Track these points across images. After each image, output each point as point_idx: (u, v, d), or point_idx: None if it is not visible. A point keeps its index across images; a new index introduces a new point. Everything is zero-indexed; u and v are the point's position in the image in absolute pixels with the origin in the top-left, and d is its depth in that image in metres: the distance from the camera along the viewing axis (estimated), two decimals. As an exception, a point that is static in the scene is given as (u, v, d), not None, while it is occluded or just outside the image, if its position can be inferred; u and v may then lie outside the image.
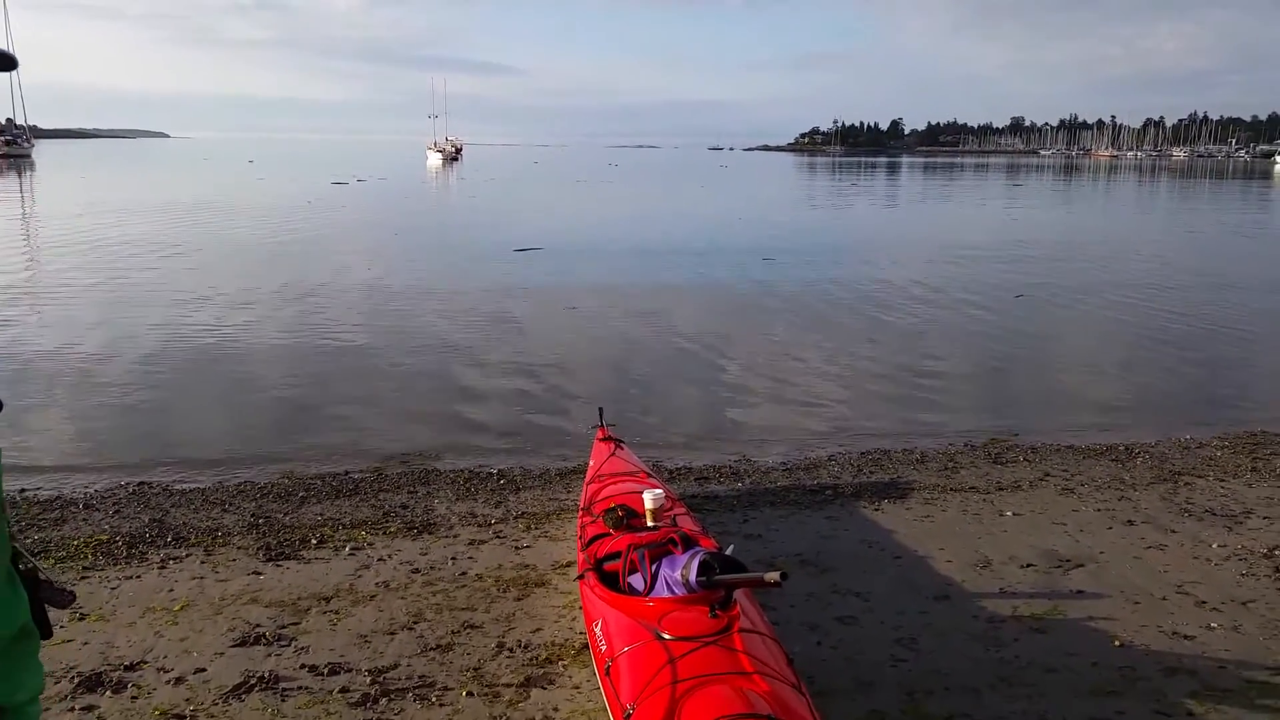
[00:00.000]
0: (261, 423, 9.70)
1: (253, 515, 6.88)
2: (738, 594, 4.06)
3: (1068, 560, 5.93)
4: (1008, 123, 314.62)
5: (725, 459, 8.49)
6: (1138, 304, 17.37)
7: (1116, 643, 4.86)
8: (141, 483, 7.80)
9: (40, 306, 15.59)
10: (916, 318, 15.82)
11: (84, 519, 6.80)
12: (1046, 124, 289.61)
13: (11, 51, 1.66)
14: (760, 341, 13.81)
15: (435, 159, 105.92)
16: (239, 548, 6.19)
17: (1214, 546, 6.18)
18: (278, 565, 5.87)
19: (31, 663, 1.68)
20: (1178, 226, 38.35)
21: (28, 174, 65.18)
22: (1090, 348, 14.05)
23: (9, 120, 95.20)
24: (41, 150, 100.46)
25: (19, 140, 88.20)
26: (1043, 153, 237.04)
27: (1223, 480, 7.68)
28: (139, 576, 5.68)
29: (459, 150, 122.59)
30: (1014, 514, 6.82)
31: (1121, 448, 8.68)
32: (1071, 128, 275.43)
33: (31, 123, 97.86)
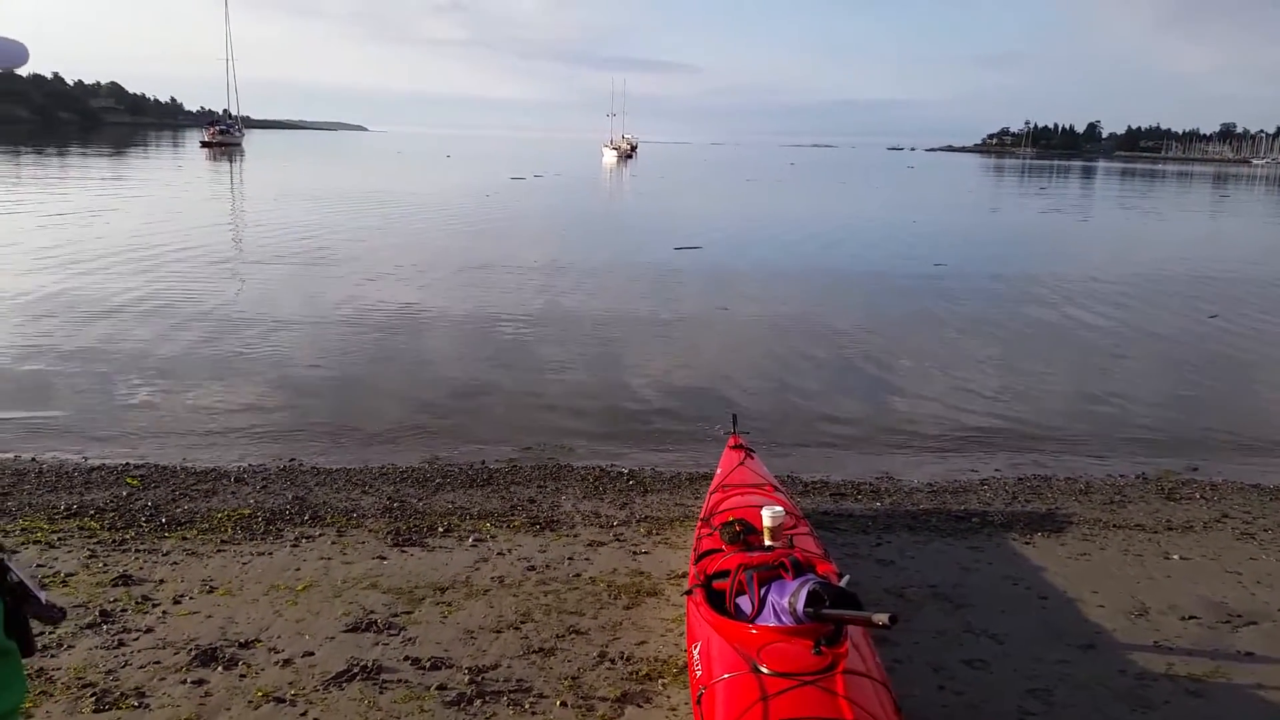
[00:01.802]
0: (416, 406, 9.94)
1: (389, 499, 7.03)
2: (850, 630, 3.77)
3: (1238, 615, 5.29)
4: (1216, 129, 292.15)
5: (866, 475, 8.09)
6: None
7: (1291, 718, 4.27)
8: (293, 459, 8.13)
9: (235, 284, 16.64)
10: (1095, 335, 14.77)
11: (232, 492, 7.11)
12: (1261, 131, 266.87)
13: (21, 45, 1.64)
14: (920, 353, 13.19)
15: (610, 156, 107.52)
16: (370, 530, 6.31)
17: None
18: (403, 551, 5.94)
19: (7, 680, 1.62)
20: None
21: (237, 160, 70.72)
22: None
23: (225, 111, 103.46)
24: (250, 139, 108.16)
25: (231, 129, 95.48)
26: (1255, 162, 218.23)
27: None
28: (271, 554, 5.86)
29: (633, 148, 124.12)
30: (1181, 558, 6.17)
31: (1319, 492, 7.76)
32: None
33: (243, 114, 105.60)
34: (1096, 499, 7.53)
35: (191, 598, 5.17)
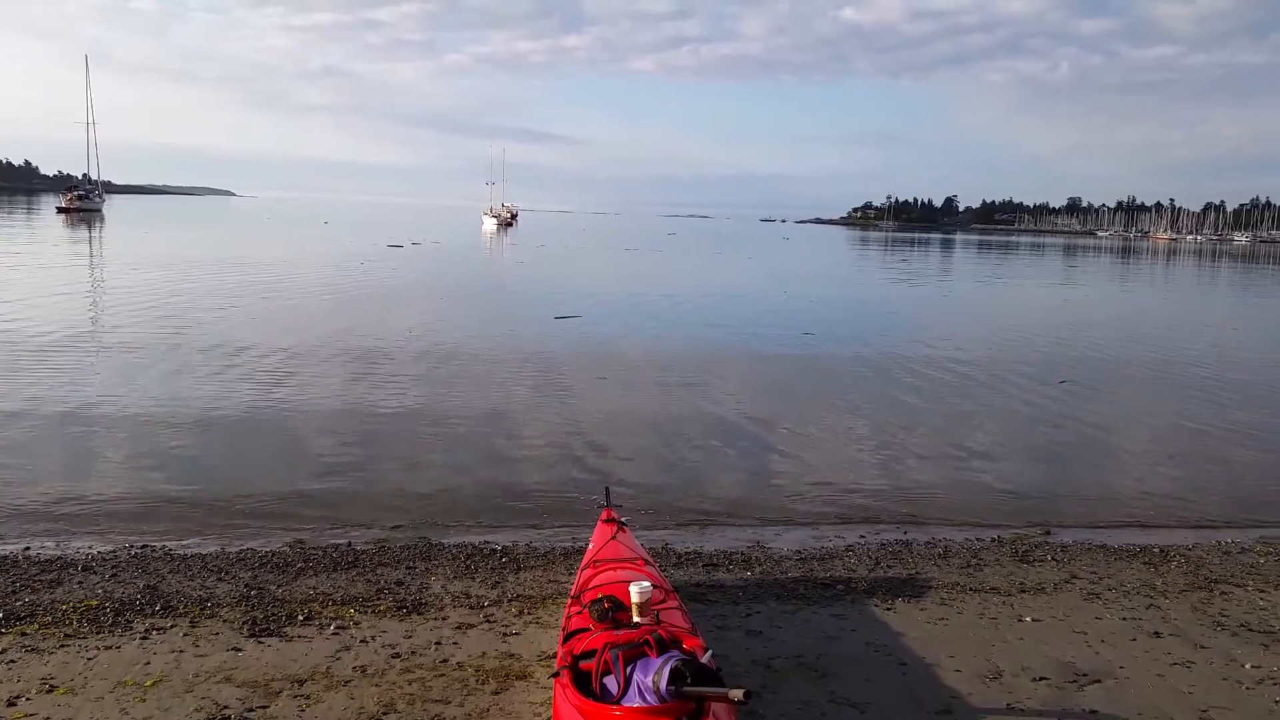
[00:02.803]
0: (280, 487, 9.59)
1: (246, 585, 6.76)
2: (715, 706, 3.80)
3: (1084, 674, 5.55)
4: (1064, 203, 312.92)
5: (738, 544, 8.22)
6: (1189, 397, 16.82)
7: (1131, 773, 4.48)
8: (145, 545, 7.74)
9: (86, 360, 15.85)
10: (955, 402, 15.44)
11: (79, 581, 6.73)
12: (1104, 205, 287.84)
13: None
14: (790, 421, 13.52)
15: (490, 224, 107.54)
16: (225, 620, 6.04)
17: (1247, 667, 5.76)
18: (259, 642, 5.71)
19: None
20: (1238, 315, 37.46)
21: (96, 227, 67.66)
22: (1134, 440, 13.54)
23: (84, 175, 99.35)
24: (112, 205, 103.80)
25: (91, 195, 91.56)
26: (1100, 234, 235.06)
27: (1263, 591, 7.23)
28: (119, 647, 5.55)
29: (514, 216, 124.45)
30: (1033, 619, 6.45)
31: (1156, 550, 8.26)
32: (1129, 210, 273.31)
33: (105, 178, 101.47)
34: (955, 562, 7.82)
35: (29, 698, 4.85)
